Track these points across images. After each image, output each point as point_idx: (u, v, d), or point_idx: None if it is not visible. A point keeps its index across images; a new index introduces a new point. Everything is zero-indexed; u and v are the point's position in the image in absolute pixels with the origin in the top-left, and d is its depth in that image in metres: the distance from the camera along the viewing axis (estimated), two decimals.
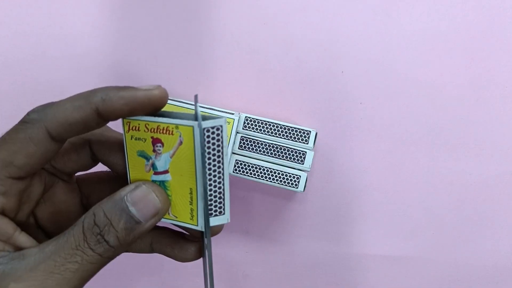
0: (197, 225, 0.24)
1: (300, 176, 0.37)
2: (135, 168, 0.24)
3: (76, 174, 0.27)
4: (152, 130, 0.23)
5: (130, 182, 0.24)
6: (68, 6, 0.41)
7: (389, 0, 0.38)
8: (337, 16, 0.39)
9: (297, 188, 0.37)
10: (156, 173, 0.24)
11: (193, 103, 0.38)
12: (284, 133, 0.37)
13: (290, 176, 0.37)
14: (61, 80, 0.41)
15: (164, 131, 0.23)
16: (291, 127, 0.37)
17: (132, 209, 0.22)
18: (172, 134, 0.22)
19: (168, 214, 0.24)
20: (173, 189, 0.24)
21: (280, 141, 0.37)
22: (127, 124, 0.23)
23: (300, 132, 0.37)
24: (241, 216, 0.43)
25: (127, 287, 0.45)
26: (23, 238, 0.23)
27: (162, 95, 0.22)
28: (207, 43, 0.40)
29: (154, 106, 0.22)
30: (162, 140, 0.23)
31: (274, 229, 0.43)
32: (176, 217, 0.24)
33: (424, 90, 0.39)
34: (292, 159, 0.37)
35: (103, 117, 0.22)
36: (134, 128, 0.23)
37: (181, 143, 0.23)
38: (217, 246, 0.43)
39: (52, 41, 0.41)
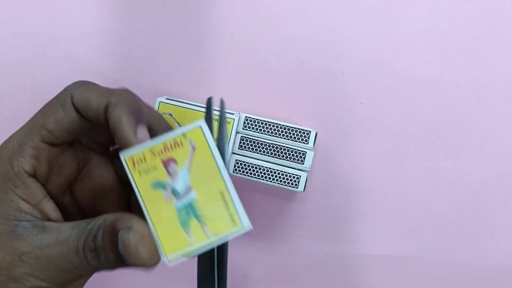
0: (242, 227, 0.22)
1: (300, 176, 0.37)
2: (154, 206, 0.22)
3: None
4: (160, 153, 0.22)
5: (153, 225, 0.22)
6: (68, 6, 0.41)
7: (389, 0, 0.38)
8: (337, 16, 0.39)
9: (297, 188, 0.37)
10: (178, 198, 0.22)
11: (193, 103, 0.38)
12: (284, 133, 0.37)
13: (290, 176, 0.37)
14: (61, 80, 0.41)
15: (173, 147, 0.22)
16: (291, 127, 0.37)
17: (121, 248, 0.22)
18: (181, 145, 0.22)
19: (208, 237, 0.22)
20: (203, 206, 0.22)
21: (280, 141, 0.37)
22: (130, 161, 0.22)
23: (300, 132, 0.37)
24: None
25: (127, 285, 0.45)
26: (50, 206, 0.24)
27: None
28: (207, 43, 0.40)
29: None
30: (174, 157, 0.22)
31: (274, 229, 0.43)
32: (218, 234, 0.22)
33: (424, 90, 0.39)
34: (292, 159, 0.37)
35: (95, 121, 0.23)
36: (139, 161, 0.22)
37: (194, 149, 0.22)
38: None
39: (52, 41, 0.41)
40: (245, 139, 0.37)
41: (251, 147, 0.37)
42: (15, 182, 0.23)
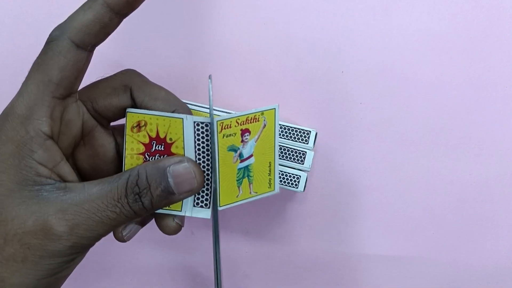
0: (275, 190, 0.30)
1: (300, 176, 0.37)
2: (224, 163, 0.27)
3: (111, 124, 0.29)
4: (242, 123, 0.27)
5: (218, 177, 0.26)
6: (68, 6, 0.41)
7: (389, 0, 0.38)
8: (337, 16, 0.39)
9: (297, 188, 0.37)
10: (242, 161, 0.27)
11: (193, 103, 0.38)
12: (284, 133, 0.37)
13: (290, 176, 0.37)
14: None
15: (252, 120, 0.27)
16: (291, 127, 0.37)
17: (170, 180, 0.24)
18: (257, 121, 0.27)
19: (250, 193, 0.29)
20: (255, 169, 0.28)
21: (280, 141, 0.37)
22: (220, 125, 0.26)
23: (300, 132, 0.37)
24: (241, 216, 0.43)
25: (127, 285, 0.45)
26: (67, 169, 0.24)
27: None
28: (207, 43, 0.40)
29: None
30: (250, 129, 0.27)
31: (274, 229, 0.43)
32: (257, 193, 0.29)
33: (424, 90, 0.39)
34: (292, 159, 0.37)
35: (113, 9, 0.24)
36: (226, 127, 0.26)
37: (265, 126, 0.27)
38: None
39: None
40: None
41: None
42: (31, 147, 0.23)
